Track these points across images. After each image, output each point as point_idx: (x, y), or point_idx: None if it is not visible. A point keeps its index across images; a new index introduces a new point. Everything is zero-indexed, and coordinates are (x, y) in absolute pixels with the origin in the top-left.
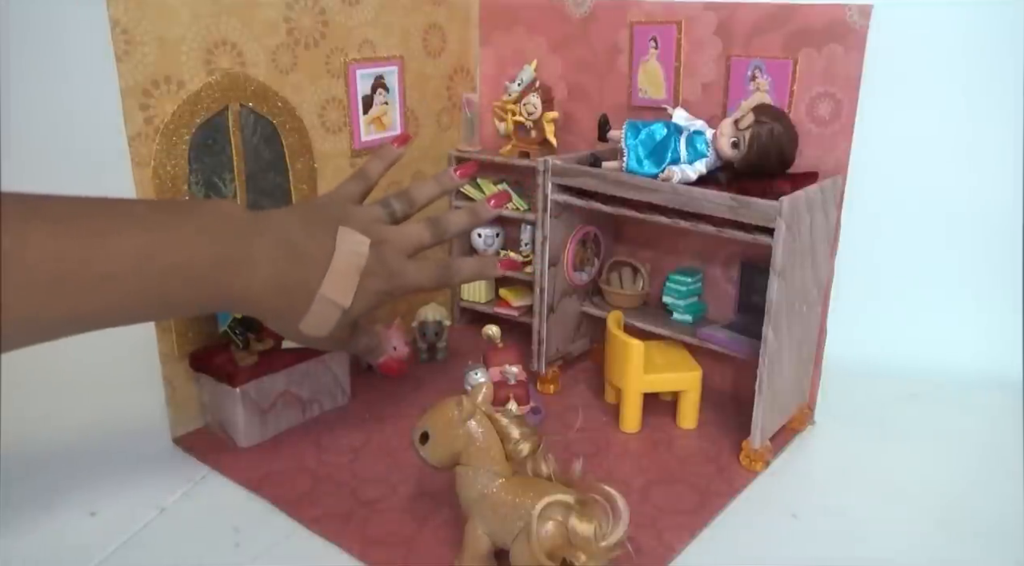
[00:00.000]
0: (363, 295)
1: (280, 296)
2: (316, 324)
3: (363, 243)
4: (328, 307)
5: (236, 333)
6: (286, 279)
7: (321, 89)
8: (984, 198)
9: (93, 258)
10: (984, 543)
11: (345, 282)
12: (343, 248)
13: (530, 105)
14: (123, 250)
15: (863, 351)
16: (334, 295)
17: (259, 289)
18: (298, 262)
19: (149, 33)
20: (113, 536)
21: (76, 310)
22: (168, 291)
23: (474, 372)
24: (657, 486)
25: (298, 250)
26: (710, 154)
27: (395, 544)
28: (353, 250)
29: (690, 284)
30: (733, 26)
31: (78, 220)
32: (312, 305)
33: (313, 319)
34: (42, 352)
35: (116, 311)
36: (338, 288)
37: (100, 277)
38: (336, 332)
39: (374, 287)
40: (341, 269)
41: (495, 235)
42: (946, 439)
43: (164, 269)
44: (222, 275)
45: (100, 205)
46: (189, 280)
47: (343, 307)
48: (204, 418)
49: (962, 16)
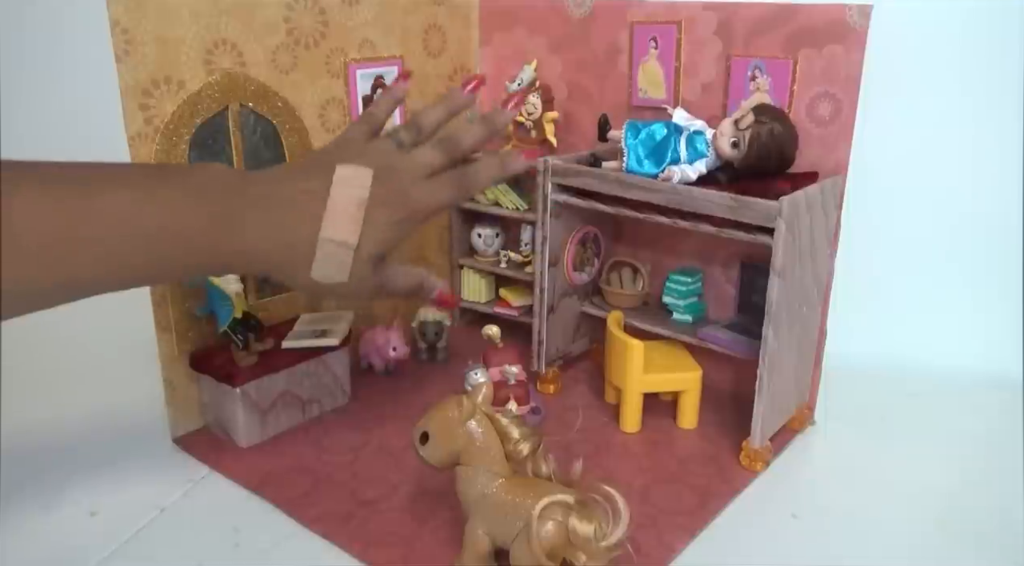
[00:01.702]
0: (375, 228)
1: (279, 248)
2: (329, 270)
3: (364, 175)
4: (335, 248)
5: (236, 333)
6: (280, 229)
7: (321, 89)
8: (984, 198)
9: (78, 219)
10: (984, 543)
11: (347, 218)
12: (340, 186)
13: (530, 105)
14: (108, 211)
15: (863, 351)
16: (337, 234)
17: (253, 244)
18: (290, 209)
19: (149, 33)
20: (113, 536)
21: (65, 273)
22: (157, 252)
23: (474, 372)
24: (657, 486)
25: (289, 198)
26: (710, 154)
27: (395, 544)
28: (352, 183)
29: (690, 284)
30: (733, 26)
31: (64, 183)
32: (316, 251)
33: (324, 265)
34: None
35: (106, 274)
36: (340, 226)
37: (86, 239)
38: (359, 275)
39: (387, 218)
40: (341, 206)
41: (495, 235)
42: (946, 439)
43: (151, 229)
44: (211, 233)
45: (88, 168)
46: (178, 240)
47: (351, 245)
48: (204, 418)
49: (962, 16)
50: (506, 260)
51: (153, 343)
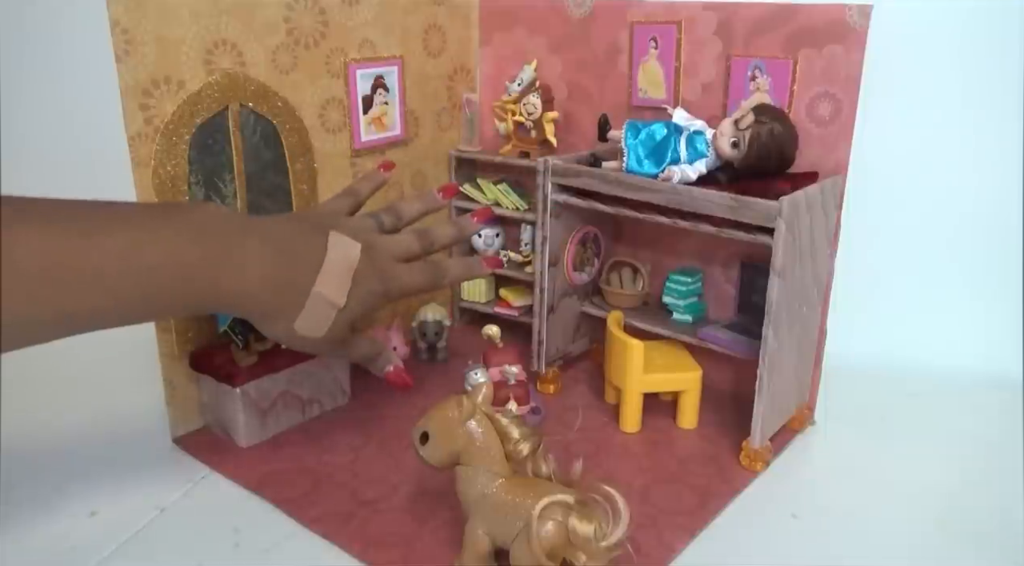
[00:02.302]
0: (357, 296)
1: (272, 294)
2: (312, 324)
3: (354, 246)
4: (322, 306)
5: (236, 333)
6: (277, 277)
7: (321, 89)
8: (984, 198)
9: (79, 256)
10: (984, 543)
11: (338, 281)
12: (334, 250)
13: (530, 105)
14: (109, 248)
15: (863, 351)
16: (328, 293)
17: (250, 287)
18: (289, 260)
19: (149, 33)
20: (113, 536)
21: (64, 309)
22: (156, 290)
23: (474, 372)
24: (657, 486)
25: (289, 249)
26: (710, 154)
27: (395, 544)
28: (344, 252)
29: (690, 284)
30: (733, 26)
31: (66, 220)
32: (306, 304)
33: (308, 319)
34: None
35: (104, 310)
36: (331, 287)
37: (86, 275)
38: (333, 334)
39: (368, 288)
40: (334, 269)
41: (495, 235)
42: (946, 439)
43: (150, 267)
44: (210, 273)
45: (88, 206)
46: (177, 278)
47: (337, 305)
48: (204, 418)
49: (962, 16)
50: (506, 260)
51: (153, 343)
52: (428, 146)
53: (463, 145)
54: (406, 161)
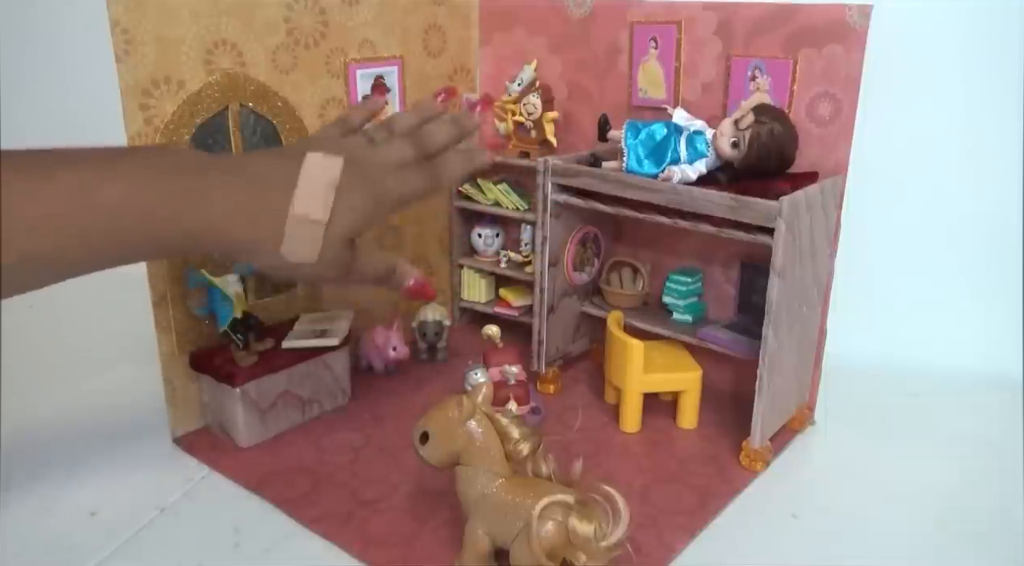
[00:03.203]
0: (345, 210)
1: (246, 224)
2: (299, 248)
3: (335, 160)
4: (305, 226)
5: (236, 333)
6: (247, 206)
7: (321, 89)
8: (984, 198)
9: (33, 197)
10: (984, 543)
11: (317, 196)
12: (311, 165)
13: (530, 105)
14: (64, 187)
15: (863, 351)
16: (308, 210)
17: (219, 220)
18: (259, 188)
19: (149, 33)
20: (113, 536)
21: (22, 251)
22: (116, 229)
23: (474, 372)
24: (657, 486)
25: (259, 176)
26: (710, 154)
27: (395, 544)
28: (323, 166)
29: (690, 284)
30: (733, 26)
31: (21, 165)
32: (286, 226)
33: (294, 243)
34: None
35: (68, 249)
36: (311, 203)
37: (42, 216)
38: (330, 256)
39: (357, 202)
40: (310, 185)
41: (495, 235)
42: (946, 439)
43: (106, 206)
44: (172, 208)
45: (43, 152)
46: (137, 216)
47: (320, 221)
48: (204, 418)
49: (962, 16)
50: (506, 260)
51: (153, 343)
52: None
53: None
54: None
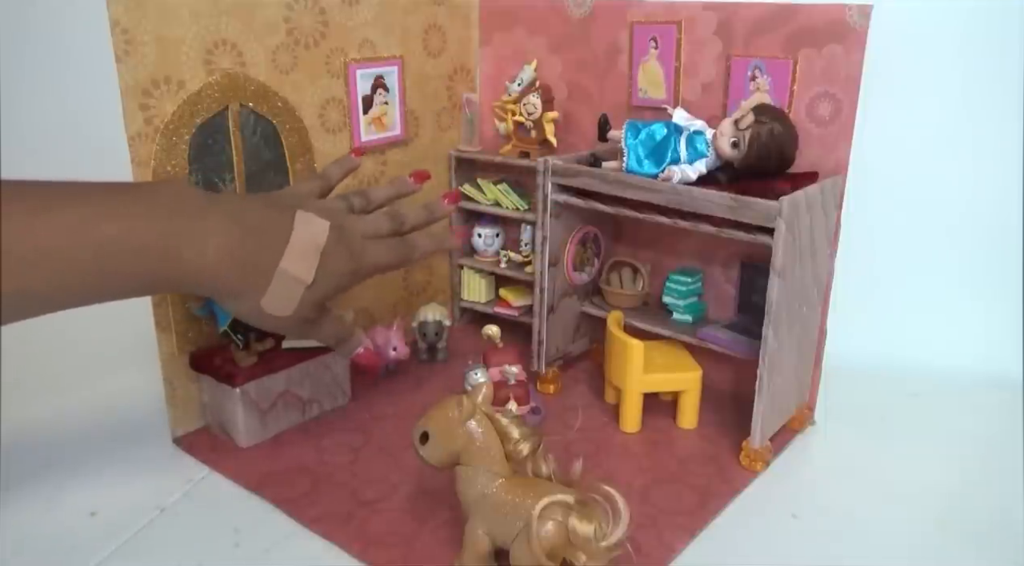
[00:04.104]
0: (326, 274)
1: (236, 271)
2: (279, 303)
3: (323, 224)
4: (289, 283)
5: (236, 333)
6: (240, 254)
7: (321, 89)
8: (984, 198)
9: (30, 232)
10: (984, 543)
11: (305, 258)
12: (301, 227)
13: (530, 105)
14: (60, 224)
15: (863, 351)
16: (294, 270)
17: (212, 264)
18: (253, 238)
19: (149, 33)
20: (113, 536)
21: (17, 286)
22: (112, 266)
23: (474, 372)
24: (657, 486)
25: (253, 227)
26: (710, 154)
27: (395, 544)
28: (312, 229)
29: (690, 284)
30: (733, 26)
31: (19, 198)
32: (272, 281)
33: (275, 296)
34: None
35: (61, 285)
36: (298, 264)
37: (37, 251)
38: (301, 313)
39: (337, 267)
40: (301, 246)
41: (495, 235)
42: (946, 439)
43: (104, 242)
44: (168, 249)
45: (45, 185)
46: (133, 254)
47: (305, 282)
48: (204, 418)
49: (962, 16)
50: (506, 260)
51: (153, 343)
52: (428, 146)
53: (463, 145)
54: (406, 161)
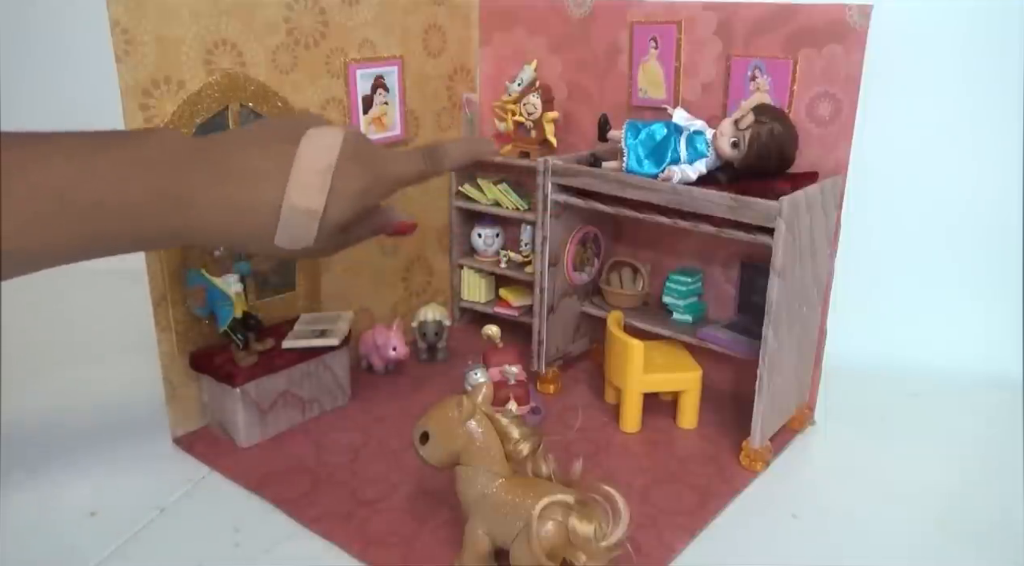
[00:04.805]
0: (342, 195)
1: (235, 220)
2: (293, 236)
3: (334, 137)
4: (299, 216)
5: (236, 333)
6: (235, 202)
7: (321, 89)
8: (984, 198)
9: (9, 195)
10: (984, 543)
11: (313, 184)
12: (309, 147)
13: (530, 105)
14: (43, 184)
15: (863, 351)
16: (302, 201)
17: (206, 218)
18: (249, 180)
19: (149, 33)
20: (113, 536)
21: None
22: (100, 227)
23: (474, 372)
24: (657, 486)
25: (249, 168)
26: (710, 154)
27: (395, 544)
28: (321, 145)
29: (690, 284)
30: (733, 26)
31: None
32: (280, 219)
33: (288, 232)
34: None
35: (49, 246)
36: (306, 192)
37: (20, 214)
38: (325, 237)
39: (354, 184)
40: (308, 170)
41: (495, 235)
42: (946, 439)
43: (90, 204)
44: (157, 207)
45: (20, 138)
46: (121, 215)
47: (316, 212)
48: (204, 418)
49: (962, 16)
50: (506, 260)
51: (153, 343)
52: None
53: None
54: None
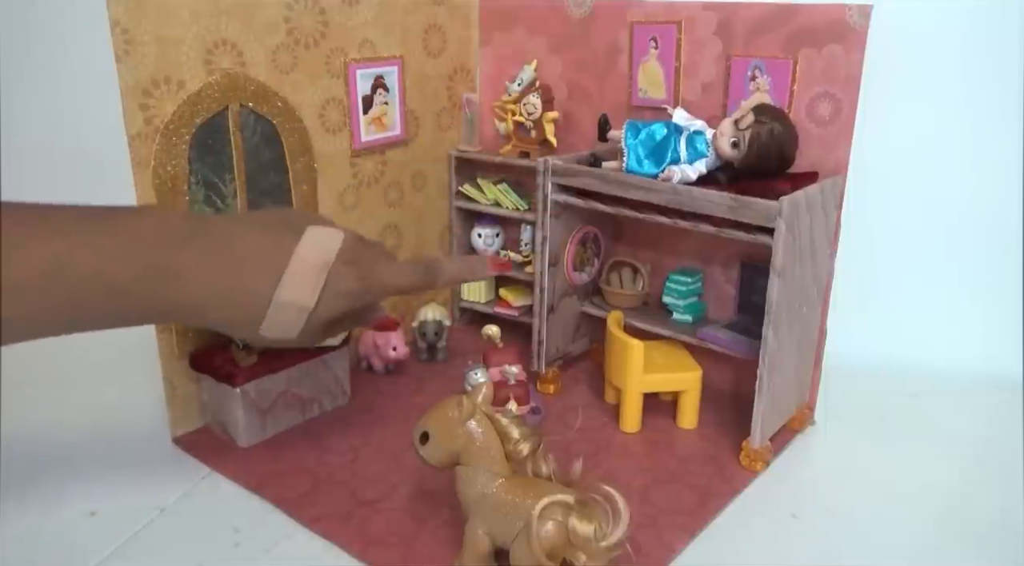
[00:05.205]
0: (333, 295)
1: (224, 304)
2: (279, 329)
3: (334, 238)
4: (288, 311)
5: None
6: (226, 287)
7: (321, 89)
8: (984, 198)
9: (8, 262)
10: (984, 543)
11: (307, 282)
12: (309, 244)
13: (530, 105)
14: (33, 259)
15: (863, 351)
16: (295, 296)
17: (195, 300)
18: (242, 267)
19: (149, 33)
20: (113, 536)
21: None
22: (87, 303)
23: (474, 372)
24: (657, 486)
25: (242, 255)
26: (710, 154)
27: (395, 544)
28: (321, 244)
29: (690, 284)
30: (733, 26)
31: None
32: (268, 311)
33: (274, 324)
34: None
35: (38, 320)
36: (299, 288)
37: (10, 285)
38: (308, 334)
39: (347, 287)
40: (303, 267)
41: (495, 235)
42: (946, 439)
43: (79, 279)
44: (148, 286)
45: (20, 211)
46: (109, 292)
47: (307, 308)
48: (204, 418)
49: (962, 16)
50: (506, 260)
51: (153, 343)
52: (428, 146)
53: (463, 145)
54: (406, 161)
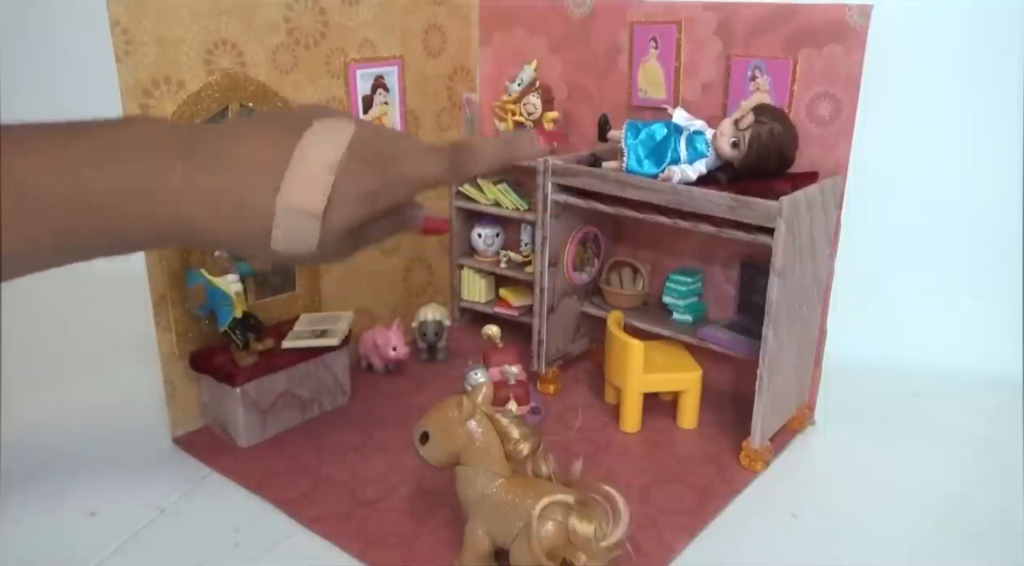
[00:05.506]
0: (348, 197)
1: (227, 221)
2: (292, 241)
3: (343, 131)
4: (296, 217)
5: (236, 333)
6: (226, 200)
7: (321, 89)
8: (984, 198)
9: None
10: (984, 543)
11: (313, 184)
12: (312, 140)
13: (530, 105)
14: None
15: (863, 351)
16: (299, 201)
17: (196, 218)
18: (239, 176)
19: (149, 33)
20: (113, 536)
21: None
22: (73, 228)
23: (474, 372)
24: (657, 486)
25: (241, 162)
26: (710, 154)
27: (395, 544)
28: (327, 140)
29: (690, 284)
30: (733, 26)
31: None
32: (274, 220)
33: (284, 236)
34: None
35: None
36: (304, 191)
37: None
38: (331, 244)
39: (363, 186)
40: (307, 165)
41: (495, 235)
42: (946, 439)
43: (53, 204)
44: (137, 206)
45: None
46: (95, 215)
47: (316, 215)
48: (204, 418)
49: (962, 16)
50: (506, 260)
51: (153, 343)
52: None
53: None
54: None
